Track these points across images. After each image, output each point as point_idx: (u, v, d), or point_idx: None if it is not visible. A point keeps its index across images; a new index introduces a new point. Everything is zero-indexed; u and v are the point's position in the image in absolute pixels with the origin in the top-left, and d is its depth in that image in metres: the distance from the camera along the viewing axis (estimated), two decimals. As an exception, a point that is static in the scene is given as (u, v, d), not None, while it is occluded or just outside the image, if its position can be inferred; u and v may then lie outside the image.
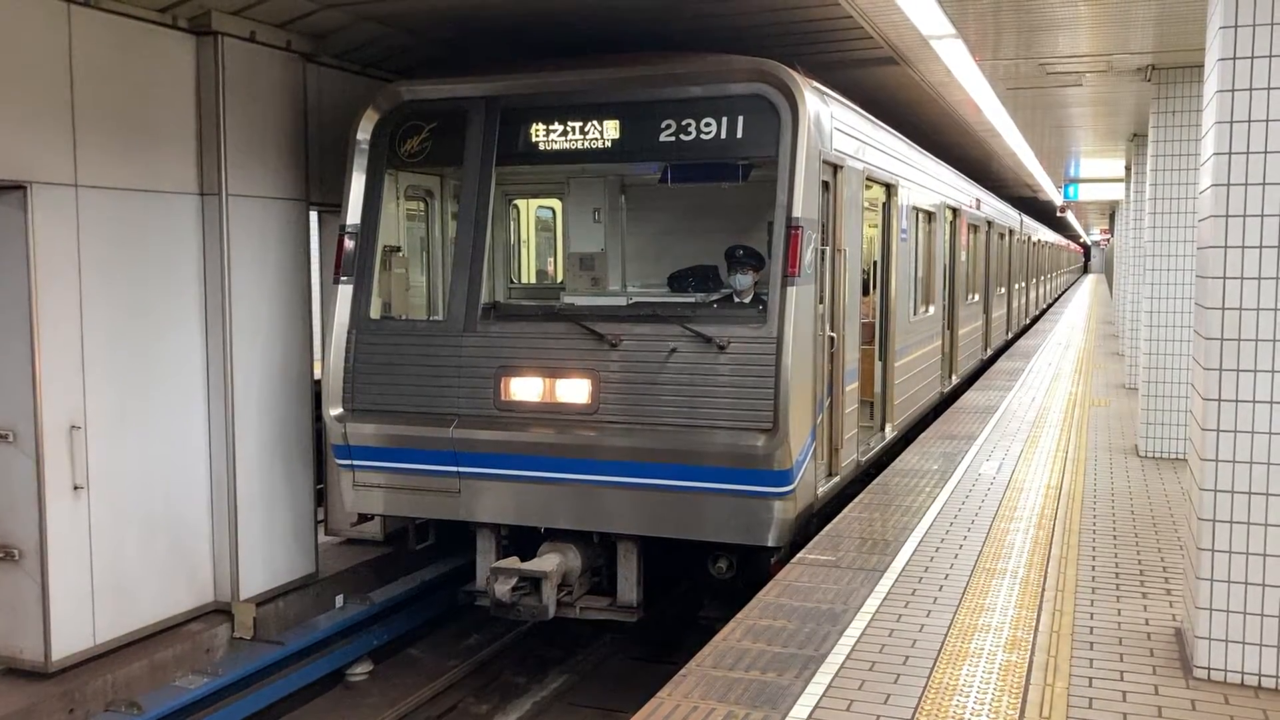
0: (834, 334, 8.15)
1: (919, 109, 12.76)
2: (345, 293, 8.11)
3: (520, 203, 12.06)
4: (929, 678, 4.75)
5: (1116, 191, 23.96)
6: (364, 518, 8.67)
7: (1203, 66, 5.13)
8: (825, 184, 7.84)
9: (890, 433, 10.27)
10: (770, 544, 7.20)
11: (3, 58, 6.57)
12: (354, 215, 8.16)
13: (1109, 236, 49.69)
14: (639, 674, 8.33)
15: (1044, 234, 36.82)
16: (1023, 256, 26.40)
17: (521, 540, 8.02)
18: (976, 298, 17.40)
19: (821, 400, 7.79)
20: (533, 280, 12.59)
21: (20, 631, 7.02)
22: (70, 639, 7.11)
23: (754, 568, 7.50)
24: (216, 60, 7.85)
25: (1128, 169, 19.27)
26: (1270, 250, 4.49)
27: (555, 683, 8.55)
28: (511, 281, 11.56)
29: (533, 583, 7.45)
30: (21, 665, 7.03)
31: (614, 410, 7.36)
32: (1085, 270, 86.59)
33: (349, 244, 8.13)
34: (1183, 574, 5.83)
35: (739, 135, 7.39)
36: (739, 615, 5.56)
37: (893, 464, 9.45)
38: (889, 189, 10.17)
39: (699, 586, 8.34)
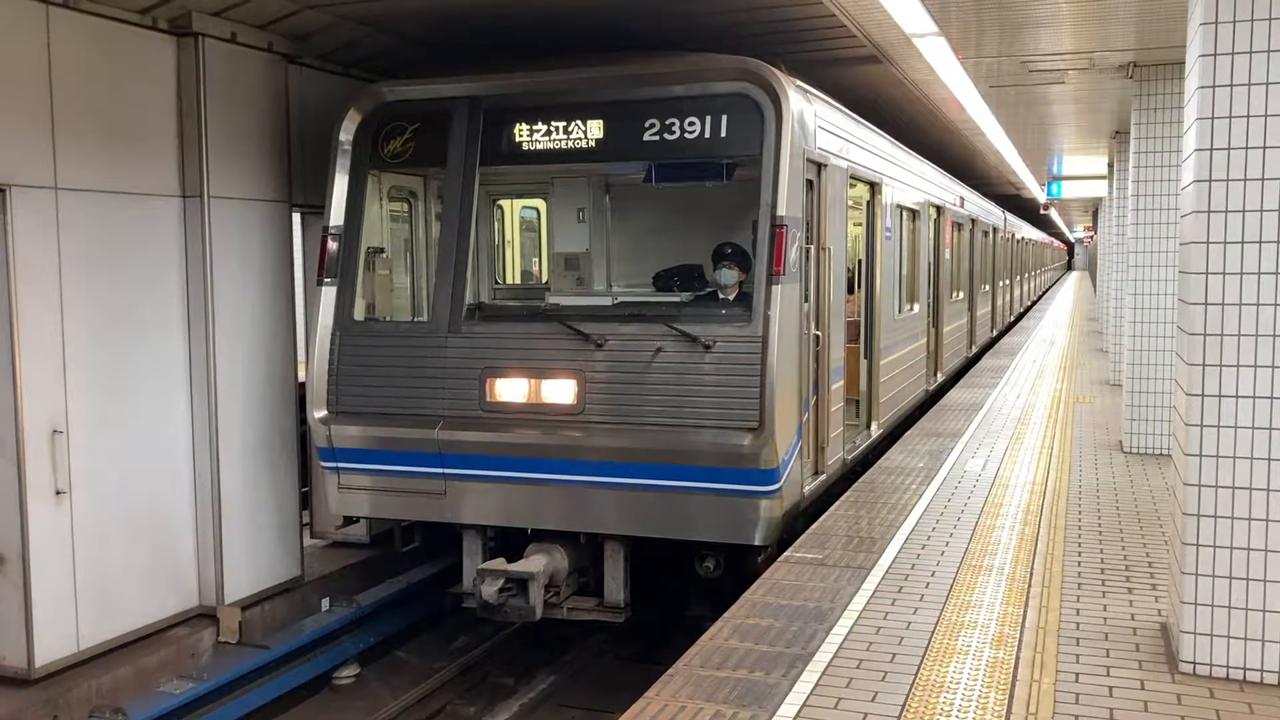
0: (819, 332, 8.16)
1: (902, 107, 12.79)
2: (329, 294, 8.08)
3: (504, 203, 12.03)
4: (916, 675, 4.75)
5: (1099, 188, 24.06)
6: (349, 520, 8.64)
7: (1184, 63, 5.14)
8: (809, 182, 7.85)
9: (876, 431, 10.28)
10: (757, 543, 7.19)
11: (-20, 60, 6.53)
12: (337, 216, 8.13)
13: (1092, 233, 49.92)
14: (627, 674, 8.32)
15: (1028, 231, 36.97)
16: (1007, 254, 26.50)
17: (508, 541, 8.00)
18: (961, 295, 17.44)
19: (807, 399, 7.79)
20: (517, 281, 12.56)
21: (3, 638, 6.97)
22: (53, 645, 7.06)
23: (741, 567, 7.50)
24: (197, 62, 7.81)
25: (1110, 166, 19.35)
26: (1252, 245, 4.50)
27: (543, 684, 8.53)
28: (496, 282, 11.53)
29: (519, 584, 7.42)
30: (4, 672, 6.97)
31: (600, 410, 7.34)
32: (1069, 267, 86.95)
33: (332, 245, 8.10)
34: (1168, 569, 5.85)
35: (723, 134, 7.39)
36: (726, 614, 5.56)
37: (879, 462, 9.46)
38: (873, 187, 10.19)
39: (686, 586, 8.33)
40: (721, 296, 8.34)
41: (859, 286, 10.59)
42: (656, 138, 7.52)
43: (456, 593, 8.23)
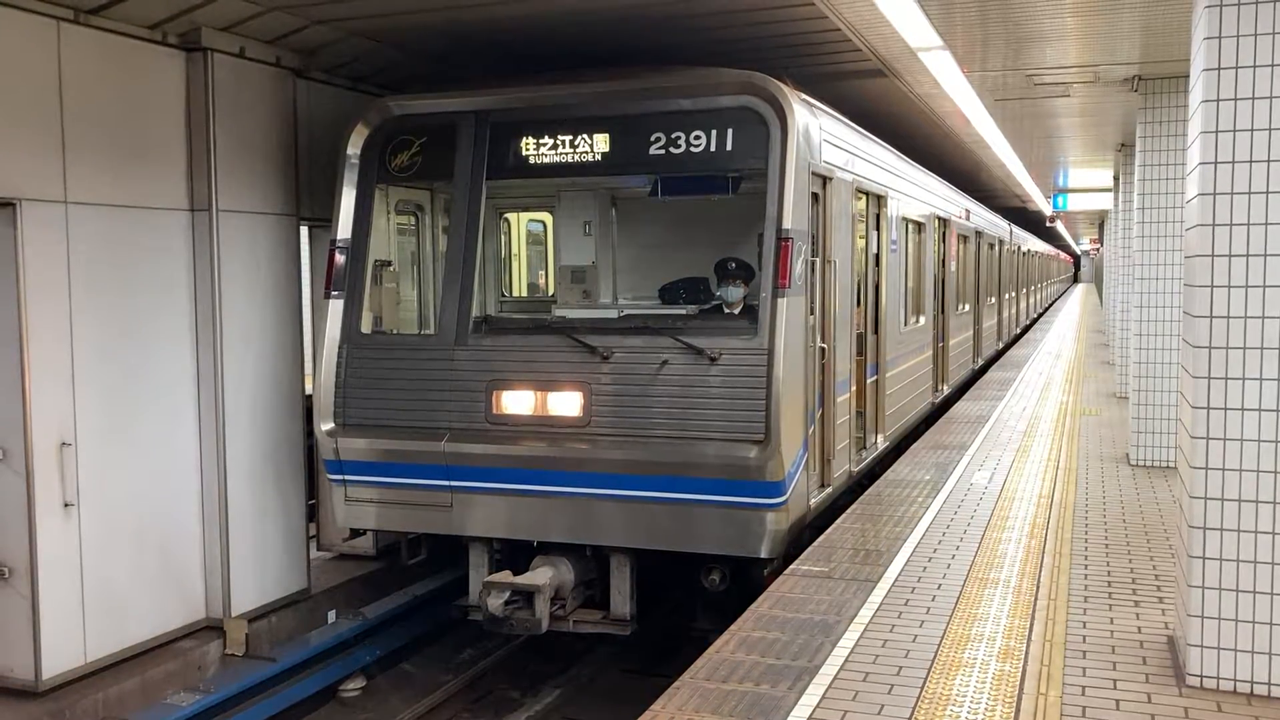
0: (824, 345, 8.17)
1: (908, 120, 12.81)
2: (336, 307, 8.10)
3: (511, 216, 12.07)
4: (922, 688, 4.75)
5: (1105, 201, 24.07)
6: (356, 533, 8.64)
7: (1188, 77, 5.16)
8: (815, 196, 7.87)
9: (882, 443, 10.28)
10: (763, 555, 7.19)
11: (-8, 75, 6.58)
12: (344, 230, 8.16)
13: (1098, 246, 49.89)
14: (633, 687, 8.31)
15: (1034, 244, 36.96)
16: (1013, 266, 26.49)
17: (514, 554, 8.01)
18: (967, 308, 17.44)
19: (813, 411, 7.79)
20: (524, 293, 12.59)
21: (10, 650, 6.99)
22: (61, 657, 7.07)
23: (747, 579, 7.49)
24: (206, 76, 7.86)
25: (1116, 179, 19.37)
26: (1257, 259, 4.51)
27: (549, 696, 8.53)
28: (503, 295, 11.56)
29: (526, 596, 7.43)
30: (12, 684, 6.99)
31: (606, 423, 7.35)
32: (1075, 280, 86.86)
33: (339, 259, 8.13)
34: (1174, 582, 5.84)
35: (728, 148, 7.41)
36: (732, 627, 5.56)
37: (885, 474, 9.45)
38: (878, 200, 10.21)
39: (692, 599, 8.33)
40: (727, 311, 8.36)
41: (864, 299, 10.60)
42: (662, 151, 7.55)
43: (463, 605, 8.24)
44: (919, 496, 8.46)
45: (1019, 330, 28.85)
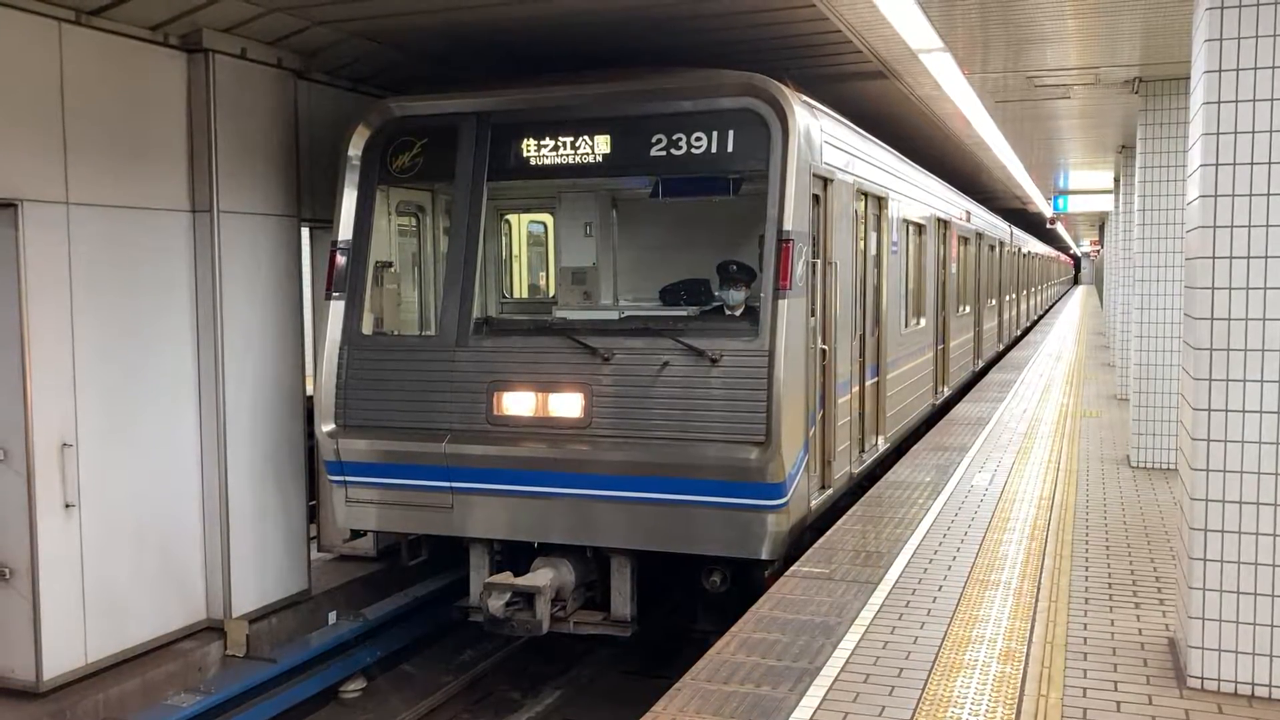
0: (825, 346, 8.17)
1: (908, 122, 12.82)
2: (337, 308, 8.10)
3: (512, 217, 12.07)
4: (923, 690, 4.75)
5: (1106, 203, 24.06)
6: (357, 534, 8.65)
7: (1189, 79, 5.16)
8: (815, 197, 7.87)
9: (883, 445, 10.28)
10: (764, 557, 7.19)
11: (-7, 76, 6.59)
12: (345, 231, 8.17)
13: (1099, 248, 49.90)
14: (633, 688, 8.31)
15: (1034, 246, 36.97)
16: (1013, 268, 26.50)
17: (515, 555, 8.01)
18: (967, 310, 17.44)
19: (813, 413, 7.79)
20: (525, 295, 12.60)
21: (11, 651, 6.99)
22: (62, 658, 7.08)
23: (748, 581, 7.49)
24: (208, 78, 7.87)
25: (1116, 181, 19.38)
26: (1258, 260, 4.51)
27: (549, 698, 8.53)
28: (503, 296, 11.57)
29: (526, 598, 7.43)
30: (12, 685, 6.99)
31: (607, 424, 7.36)
32: (1075, 282, 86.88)
33: (340, 260, 8.14)
34: (1175, 584, 5.84)
35: (729, 149, 7.42)
36: (733, 629, 5.56)
37: (885, 476, 9.45)
38: (879, 202, 10.21)
39: (693, 600, 8.33)
40: (728, 312, 8.36)
41: (865, 301, 10.60)
42: (663, 153, 7.55)
43: (463, 606, 8.24)
44: (919, 498, 8.46)
45: (1020, 332, 28.85)
